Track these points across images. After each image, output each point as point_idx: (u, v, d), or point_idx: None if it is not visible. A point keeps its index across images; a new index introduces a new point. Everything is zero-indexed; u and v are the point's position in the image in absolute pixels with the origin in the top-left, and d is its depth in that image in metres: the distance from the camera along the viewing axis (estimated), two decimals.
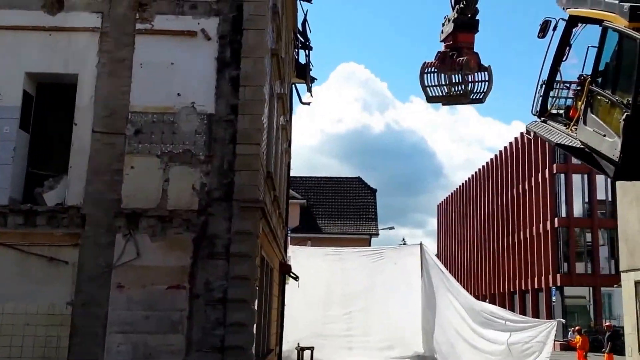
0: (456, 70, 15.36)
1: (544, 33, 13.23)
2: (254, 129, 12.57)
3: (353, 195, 46.69)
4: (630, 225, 29.59)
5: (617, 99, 11.20)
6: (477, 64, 15.46)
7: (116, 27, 12.93)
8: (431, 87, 15.85)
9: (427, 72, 15.81)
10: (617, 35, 11.29)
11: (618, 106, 11.10)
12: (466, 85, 15.55)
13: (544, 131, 13.78)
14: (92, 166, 12.29)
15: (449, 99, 16.06)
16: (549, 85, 13.66)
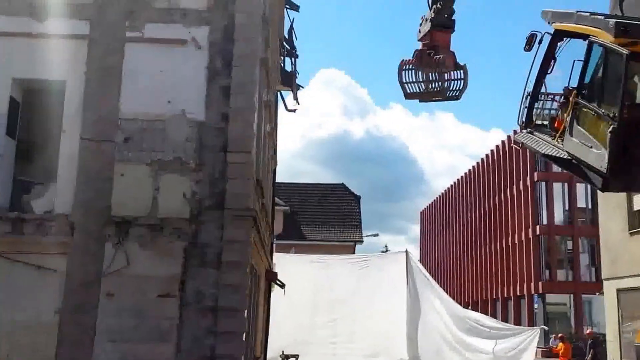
0: (433, 67, 15.77)
1: (530, 46, 13.32)
2: (245, 137, 12.57)
3: (337, 202, 46.65)
4: (611, 234, 29.84)
5: (603, 111, 11.33)
6: (453, 62, 15.87)
7: (105, 35, 12.87)
8: (409, 83, 16.27)
9: (405, 69, 16.23)
10: (603, 50, 11.44)
11: (604, 119, 11.23)
12: (443, 82, 15.98)
13: (531, 142, 13.94)
14: (81, 174, 12.22)
15: (425, 95, 16.51)
16: (534, 97, 13.76)
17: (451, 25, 16.15)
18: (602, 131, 11.17)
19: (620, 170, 11.19)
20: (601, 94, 11.59)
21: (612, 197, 28.50)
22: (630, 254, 27.77)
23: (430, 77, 16.05)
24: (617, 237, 29.12)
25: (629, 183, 11.94)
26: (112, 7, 12.96)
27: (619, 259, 28.79)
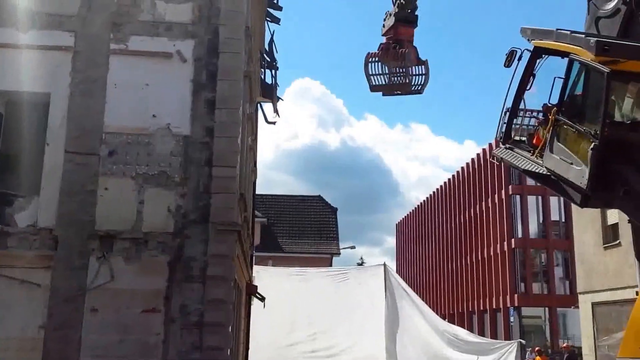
0: (398, 60, 16.42)
1: (510, 62, 13.38)
2: (230, 152, 12.58)
3: (314, 214, 46.73)
4: (586, 248, 30.26)
5: (584, 129, 11.44)
6: (416, 57, 16.61)
7: (90, 47, 12.81)
8: (374, 75, 16.90)
9: (371, 62, 16.85)
10: (584, 67, 11.58)
11: (586, 136, 11.35)
12: (406, 77, 16.72)
13: (510, 157, 14.02)
14: (65, 187, 12.11)
15: (390, 88, 17.21)
16: (513, 113, 13.82)
17: (414, 20, 16.82)
18: (583, 148, 11.27)
19: (600, 187, 11.26)
20: (582, 111, 11.69)
21: (586, 212, 28.89)
22: (605, 267, 28.16)
23: (394, 70, 16.78)
24: (591, 251, 29.52)
25: (607, 200, 12.02)
26: (97, 19, 12.91)
27: (594, 272, 29.18)
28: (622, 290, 25.80)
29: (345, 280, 27.46)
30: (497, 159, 14.42)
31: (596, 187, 11.20)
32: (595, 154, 10.90)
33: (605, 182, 11.23)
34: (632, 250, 12.19)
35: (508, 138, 13.91)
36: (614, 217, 26.68)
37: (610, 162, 11.08)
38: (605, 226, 28.45)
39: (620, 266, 26.33)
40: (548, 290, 59.55)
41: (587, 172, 11.03)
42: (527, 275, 59.87)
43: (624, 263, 25.74)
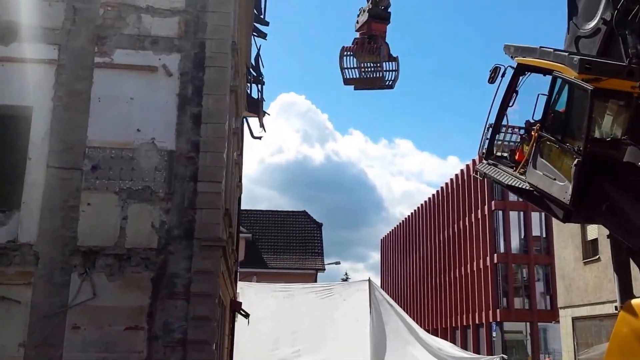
0: (373, 54, 16.96)
1: (494, 79, 13.46)
2: (215, 167, 12.47)
3: (299, 230, 46.53)
4: (566, 263, 30.45)
5: (568, 145, 11.54)
6: (388, 53, 17.15)
7: (74, 60, 12.67)
8: (348, 69, 17.32)
9: (346, 55, 17.27)
10: (568, 85, 11.67)
11: (569, 152, 11.44)
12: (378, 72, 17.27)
13: (493, 173, 14.07)
14: (47, 202, 11.92)
15: (363, 82, 17.70)
16: (495, 129, 13.80)
17: (387, 17, 17.36)
18: (566, 164, 11.33)
19: (583, 203, 11.32)
20: (565, 128, 11.76)
21: (566, 227, 29.12)
22: (585, 282, 28.34)
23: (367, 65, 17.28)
24: (571, 266, 29.71)
25: (590, 215, 12.06)
26: (82, 32, 12.79)
27: (574, 287, 29.35)
28: (601, 305, 26.02)
29: (330, 296, 27.28)
30: (481, 175, 14.39)
31: (579, 203, 11.24)
32: (578, 170, 10.93)
33: (588, 198, 11.32)
34: (611, 265, 12.07)
35: (490, 154, 13.88)
36: (594, 232, 26.89)
37: (592, 178, 11.16)
38: (585, 242, 28.67)
39: (600, 281, 26.53)
40: (529, 305, 59.78)
41: (570, 187, 11.09)
42: (509, 290, 60.09)
43: (603, 278, 25.95)
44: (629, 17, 11.88)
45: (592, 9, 12.48)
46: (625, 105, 11.39)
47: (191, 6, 13.12)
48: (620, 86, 11.22)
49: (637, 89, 11.35)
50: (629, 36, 11.85)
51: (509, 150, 14.09)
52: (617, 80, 11.19)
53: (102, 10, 12.95)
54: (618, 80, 11.20)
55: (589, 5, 12.59)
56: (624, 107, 11.44)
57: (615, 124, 11.60)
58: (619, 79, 11.21)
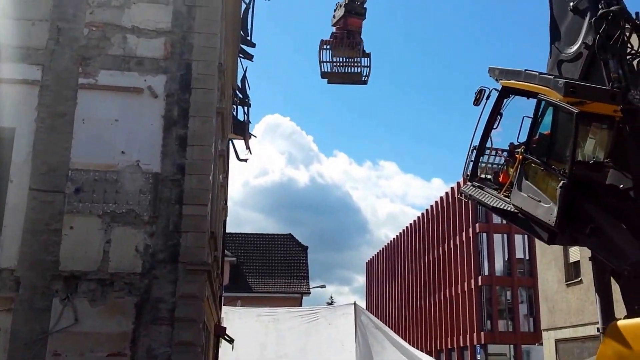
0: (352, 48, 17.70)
1: (479, 101, 13.47)
2: (201, 190, 12.28)
3: (284, 253, 46.23)
4: (549, 285, 30.53)
5: (553, 167, 11.57)
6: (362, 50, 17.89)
7: (58, 81, 12.48)
8: (325, 62, 18.01)
9: (324, 49, 17.91)
10: (553, 108, 11.73)
11: (554, 174, 11.47)
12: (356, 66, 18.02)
13: (478, 195, 14.07)
14: (28, 226, 11.65)
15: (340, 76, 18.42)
16: (480, 151, 13.87)
17: (363, 13, 18.02)
18: (552, 186, 11.42)
19: (567, 225, 11.37)
20: (550, 150, 11.81)
21: (549, 250, 29.27)
22: (568, 304, 28.42)
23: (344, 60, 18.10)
24: (554, 288, 29.80)
25: (574, 237, 12.00)
26: (66, 53, 12.61)
27: (557, 309, 29.40)
28: (584, 327, 26.12)
29: (316, 320, 26.99)
30: (466, 196, 14.38)
31: (564, 225, 11.33)
32: (564, 192, 11.04)
33: (573, 220, 11.36)
34: (593, 288, 12.20)
35: (475, 176, 13.95)
36: (576, 254, 26.97)
37: (577, 200, 11.27)
38: (567, 264, 28.83)
39: (582, 303, 26.61)
40: (513, 327, 59.80)
41: (556, 210, 11.16)
42: (493, 312, 60.09)
43: (585, 300, 26.04)
44: (610, 41, 12.02)
45: (573, 33, 12.64)
46: (608, 129, 11.59)
47: (177, 27, 13.00)
48: (603, 110, 11.42)
49: (619, 113, 11.48)
50: (610, 61, 12.00)
51: (493, 173, 14.10)
52: (601, 104, 11.38)
53: (86, 30, 12.79)
54: (601, 103, 11.39)
55: (570, 30, 12.75)
56: (606, 131, 11.62)
57: (598, 147, 11.73)
58: (602, 103, 11.40)
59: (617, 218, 11.32)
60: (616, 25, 12.07)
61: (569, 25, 12.78)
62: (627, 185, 11.40)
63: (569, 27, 12.80)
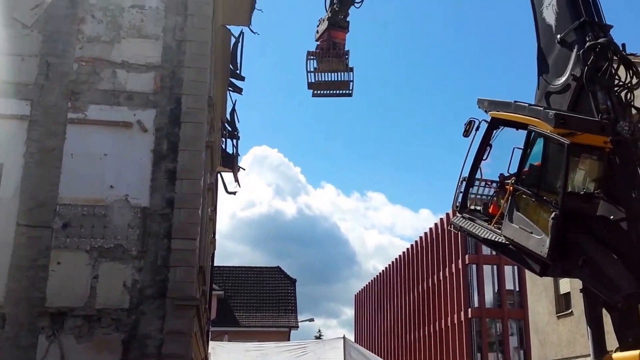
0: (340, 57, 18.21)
1: (468, 132, 13.54)
2: (190, 224, 12.22)
3: (272, 286, 45.89)
4: (540, 317, 30.41)
5: (544, 198, 11.58)
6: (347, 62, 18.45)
7: (46, 116, 12.45)
8: (311, 72, 18.52)
9: (310, 59, 18.40)
10: (544, 139, 11.76)
11: (546, 205, 11.48)
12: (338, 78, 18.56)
13: (469, 226, 14.03)
14: (15, 261, 11.53)
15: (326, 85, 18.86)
16: (469, 182, 13.89)
17: (346, 26, 18.46)
18: (543, 217, 11.42)
19: (559, 256, 11.35)
20: (541, 181, 11.83)
21: (539, 281, 29.19)
22: (559, 336, 28.28)
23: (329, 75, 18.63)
24: (545, 320, 29.66)
25: (566, 269, 11.97)
26: (55, 87, 12.60)
27: (548, 341, 29.25)
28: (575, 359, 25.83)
29: (305, 354, 26.71)
30: (456, 228, 14.34)
31: (556, 257, 11.31)
32: (555, 224, 11.04)
33: (564, 251, 11.35)
34: (584, 320, 12.19)
35: (464, 207, 13.94)
36: (566, 286, 26.92)
37: (569, 231, 11.25)
38: (558, 295, 28.72)
39: (573, 335, 26.46)
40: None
41: (548, 241, 11.14)
42: (483, 345, 59.76)
43: (576, 332, 25.89)
44: (598, 73, 12.16)
45: (561, 65, 12.78)
46: (598, 160, 11.64)
47: (167, 61, 13.05)
48: (593, 141, 11.49)
49: (609, 144, 11.55)
50: (599, 92, 12.12)
51: (482, 204, 14.09)
52: (591, 135, 11.48)
53: (76, 65, 12.81)
54: (591, 135, 11.48)
55: (558, 62, 12.89)
56: (596, 162, 11.68)
57: (588, 178, 11.79)
58: (592, 134, 11.49)
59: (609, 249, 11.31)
60: (604, 57, 12.23)
61: (557, 58, 12.94)
62: (617, 216, 11.41)
63: (556, 59, 12.96)
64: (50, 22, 12.93)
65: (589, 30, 12.52)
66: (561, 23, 12.80)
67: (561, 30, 12.76)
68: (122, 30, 13.11)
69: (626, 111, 12.33)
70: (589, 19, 12.63)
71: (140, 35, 13.11)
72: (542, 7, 13.24)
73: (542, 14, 13.24)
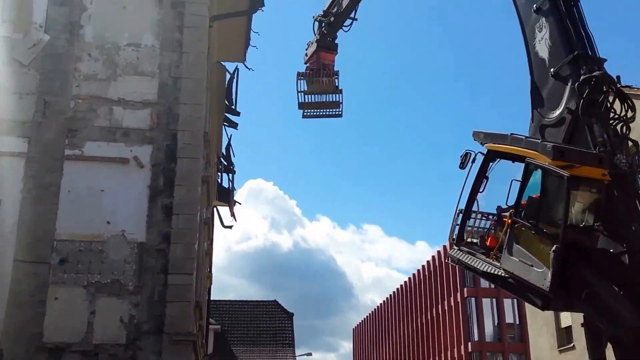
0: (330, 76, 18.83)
1: (464, 164, 13.52)
2: (186, 259, 12.28)
3: (269, 320, 45.61)
4: (541, 351, 30.24)
5: (544, 231, 11.55)
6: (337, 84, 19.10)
7: (44, 153, 12.59)
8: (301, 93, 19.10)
9: (300, 79, 19.02)
10: (542, 171, 11.78)
11: (546, 238, 11.43)
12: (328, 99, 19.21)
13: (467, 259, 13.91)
14: (13, 298, 11.56)
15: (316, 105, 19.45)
16: (466, 215, 13.81)
17: (334, 47, 18.99)
18: (544, 250, 11.34)
19: (562, 289, 11.25)
20: (540, 214, 11.79)
21: (540, 314, 28.99)
22: None
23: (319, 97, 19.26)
24: (547, 354, 29.46)
25: (569, 302, 11.94)
26: (52, 125, 12.75)
27: None
28: None
29: None
30: (454, 261, 14.21)
31: (558, 290, 11.18)
32: (557, 256, 10.95)
33: (566, 284, 11.24)
34: (586, 353, 11.97)
35: (461, 240, 13.83)
36: (568, 320, 26.81)
37: (570, 264, 11.17)
38: (559, 329, 28.56)
39: None
40: None
41: (549, 274, 11.03)
42: None
43: None
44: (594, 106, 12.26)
45: (556, 98, 12.84)
46: (597, 192, 11.59)
47: (163, 98, 13.23)
48: (591, 173, 11.45)
49: (607, 177, 11.60)
50: (595, 125, 12.20)
51: (479, 237, 13.97)
52: (589, 168, 11.45)
53: (73, 103, 12.98)
54: (589, 167, 11.45)
55: (552, 94, 12.95)
56: (595, 194, 11.61)
57: (587, 211, 11.70)
58: (590, 167, 11.47)
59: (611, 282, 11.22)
60: (599, 90, 12.33)
61: (551, 91, 12.98)
62: (617, 249, 11.42)
63: (550, 93, 12.99)
64: (47, 60, 13.14)
65: (583, 64, 12.58)
66: (555, 56, 12.85)
67: (555, 64, 12.80)
68: (118, 68, 13.31)
69: (623, 144, 12.38)
70: (583, 52, 12.76)
71: (137, 73, 13.31)
72: (534, 41, 13.30)
73: (534, 48, 13.30)
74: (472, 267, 13.55)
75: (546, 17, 13.00)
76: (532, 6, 13.41)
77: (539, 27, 13.17)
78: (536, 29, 13.24)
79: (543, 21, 13.07)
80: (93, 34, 13.47)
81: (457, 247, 13.93)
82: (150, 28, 13.62)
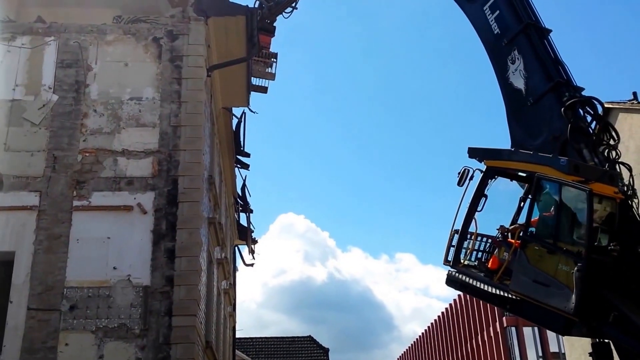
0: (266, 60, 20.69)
1: (463, 181, 13.27)
2: (190, 300, 12.70)
3: (305, 356, 45.66)
4: None
5: (565, 249, 11.16)
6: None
7: (54, 205, 13.26)
8: None
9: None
10: (558, 187, 11.48)
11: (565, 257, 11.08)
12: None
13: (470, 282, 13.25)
14: (26, 345, 12.11)
15: None
16: (462, 235, 13.46)
17: (272, 30, 20.63)
18: (563, 270, 10.99)
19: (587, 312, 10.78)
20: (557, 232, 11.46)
21: (577, 343, 27.70)
22: None
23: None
24: None
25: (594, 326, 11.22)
26: (61, 178, 13.44)
27: None
28: None
29: None
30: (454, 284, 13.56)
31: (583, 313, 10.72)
32: (581, 276, 10.53)
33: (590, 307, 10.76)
34: None
35: (457, 262, 13.45)
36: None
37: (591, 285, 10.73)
38: None
39: None
40: None
41: (573, 296, 10.58)
42: None
43: None
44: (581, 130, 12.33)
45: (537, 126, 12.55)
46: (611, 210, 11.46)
47: (164, 146, 13.85)
48: (604, 190, 11.30)
49: (619, 195, 11.47)
50: (584, 150, 12.24)
51: (477, 259, 13.53)
52: (601, 185, 11.30)
53: (80, 156, 13.69)
54: (601, 184, 11.31)
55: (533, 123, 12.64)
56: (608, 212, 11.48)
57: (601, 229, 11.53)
58: (602, 184, 11.33)
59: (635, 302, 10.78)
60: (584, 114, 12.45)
61: (531, 119, 12.91)
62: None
63: (530, 121, 12.91)
64: (56, 119, 13.93)
65: (565, 90, 12.78)
66: (532, 86, 12.91)
67: (533, 93, 12.87)
68: (121, 121, 14.02)
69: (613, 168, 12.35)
70: (563, 80, 12.92)
71: (139, 125, 14.00)
72: (507, 73, 13.33)
73: (508, 80, 13.31)
74: (476, 289, 13.01)
75: (519, 49, 13.15)
76: (503, 40, 13.55)
77: (511, 59, 13.26)
78: (508, 61, 13.33)
79: (516, 53, 13.20)
80: (98, 91, 14.26)
81: (453, 269, 13.44)
82: (150, 82, 14.36)
